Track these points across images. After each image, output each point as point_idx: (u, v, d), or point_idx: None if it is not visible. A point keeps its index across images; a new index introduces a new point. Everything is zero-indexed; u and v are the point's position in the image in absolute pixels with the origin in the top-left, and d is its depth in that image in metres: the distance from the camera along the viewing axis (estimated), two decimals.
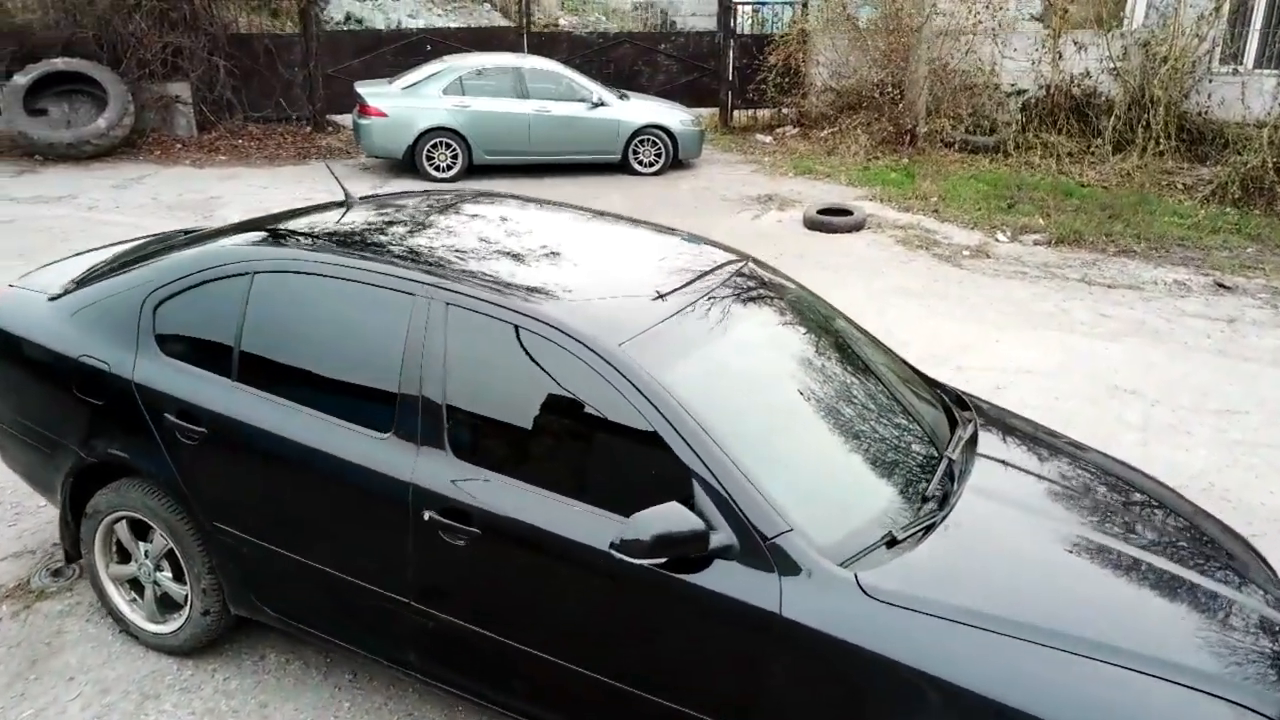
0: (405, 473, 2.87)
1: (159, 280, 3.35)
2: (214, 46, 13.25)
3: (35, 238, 9.03)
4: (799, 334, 3.43)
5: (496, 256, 3.27)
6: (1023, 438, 3.51)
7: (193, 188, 11.37)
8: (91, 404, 3.37)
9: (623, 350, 2.74)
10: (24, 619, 3.71)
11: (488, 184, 11.83)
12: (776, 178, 12.73)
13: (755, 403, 3.00)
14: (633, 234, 3.74)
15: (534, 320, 2.81)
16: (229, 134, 13.46)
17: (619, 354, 2.72)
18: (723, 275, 3.36)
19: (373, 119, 11.84)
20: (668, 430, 2.63)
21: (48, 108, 12.82)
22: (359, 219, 3.57)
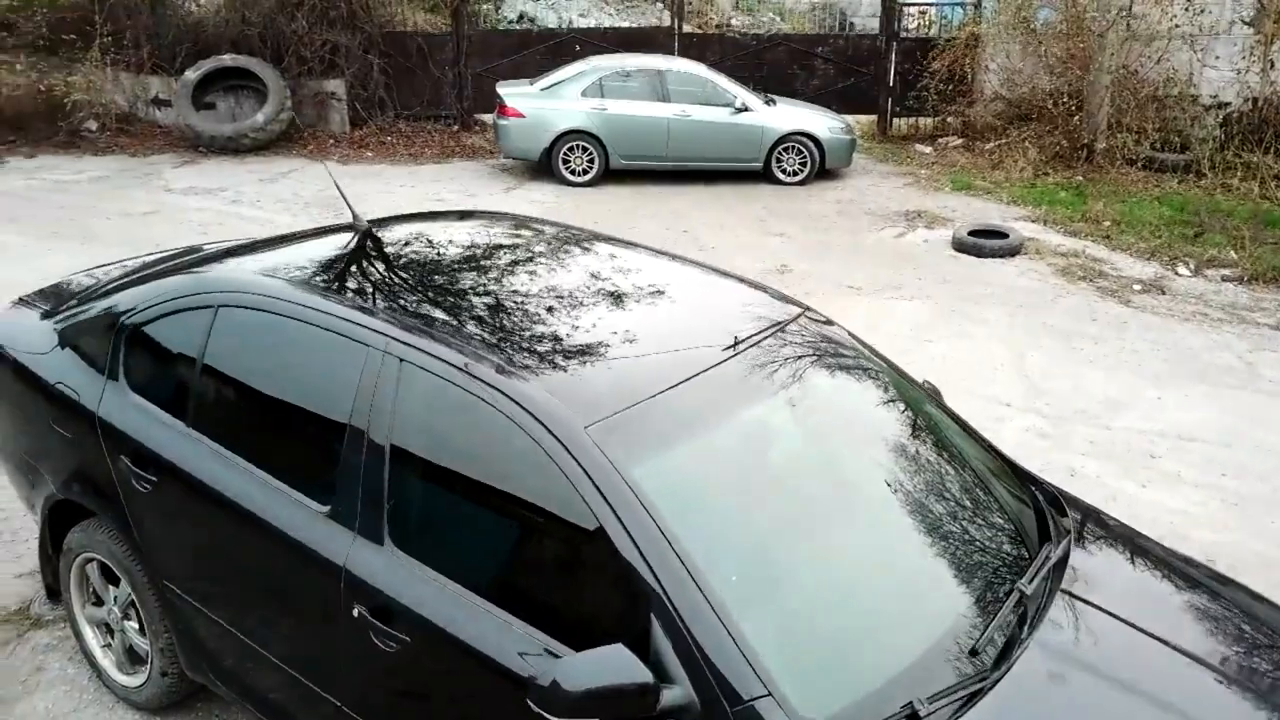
0: (339, 556, 2.47)
1: (133, 307, 3.08)
2: (370, 44, 13.47)
3: (175, 228, 9.30)
4: (839, 413, 2.81)
5: (479, 301, 2.81)
6: (1138, 567, 2.76)
7: (326, 185, 11.51)
8: (63, 435, 3.14)
9: (587, 434, 2.22)
10: (11, 650, 3.56)
11: (622, 190, 11.48)
12: (930, 192, 11.78)
13: (755, 509, 2.42)
14: (664, 273, 3.21)
15: (486, 386, 2.34)
16: (378, 131, 13.66)
17: (580, 438, 2.21)
18: (759, 333, 2.78)
19: (511, 120, 11.69)
20: (624, 540, 2.11)
21: (216, 102, 13.38)
22: (351, 247, 3.20)
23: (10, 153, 12.59)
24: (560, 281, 2.99)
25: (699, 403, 2.48)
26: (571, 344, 2.60)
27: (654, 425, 2.36)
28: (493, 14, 16.21)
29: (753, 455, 2.53)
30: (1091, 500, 5.08)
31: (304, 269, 2.98)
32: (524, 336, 2.61)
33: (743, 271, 8.78)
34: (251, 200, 10.71)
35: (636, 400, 2.37)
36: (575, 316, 2.75)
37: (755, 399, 2.63)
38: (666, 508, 2.15)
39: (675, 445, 2.38)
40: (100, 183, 11.33)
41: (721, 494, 2.39)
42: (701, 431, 2.45)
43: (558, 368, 2.47)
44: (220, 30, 13.54)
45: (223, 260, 3.22)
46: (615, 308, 2.85)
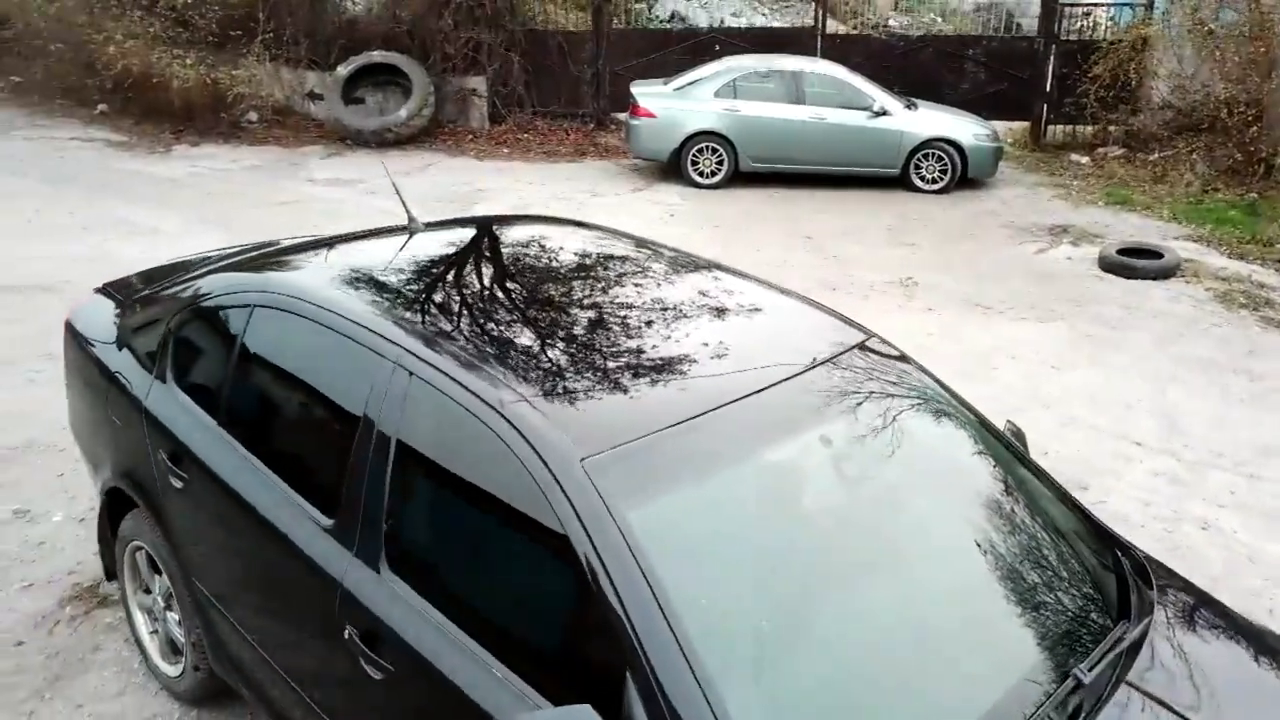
0: (338, 573, 2.39)
1: (186, 301, 3.10)
2: (512, 42, 13.67)
3: (308, 218, 9.64)
4: (888, 458, 2.53)
5: (503, 313, 2.68)
6: (1237, 663, 2.38)
7: (465, 180, 11.73)
8: (116, 424, 3.20)
9: (582, 467, 2.05)
10: (76, 626, 3.67)
11: (750, 193, 11.23)
12: (1081, 206, 11.00)
13: (770, 566, 2.17)
14: (717, 292, 2.99)
15: (485, 407, 2.19)
16: (516, 128, 13.84)
17: (573, 471, 2.05)
18: (807, 360, 2.55)
19: (642, 120, 11.61)
20: (607, 590, 1.93)
21: (365, 97, 13.88)
22: (396, 251, 3.12)
23: (178, 141, 13.41)
24: (598, 296, 2.83)
25: (722, 439, 2.27)
26: (593, 366, 2.43)
27: (663, 462, 2.17)
28: (644, 13, 16.17)
29: (776, 503, 2.29)
30: (1225, 562, 4.61)
31: (343, 271, 2.93)
32: (540, 355, 2.46)
33: (865, 283, 8.52)
34: (386, 193, 10.97)
35: (647, 432, 2.18)
36: (603, 336, 2.59)
37: (789, 438, 2.40)
38: (661, 559, 1.96)
39: (684, 487, 2.18)
40: (252, 172, 11.90)
41: (731, 547, 2.15)
42: (719, 472, 2.24)
43: (569, 391, 2.30)
44: (372, 27, 14.02)
45: (278, 258, 3.22)
46: (652, 328, 2.66)
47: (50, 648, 3.56)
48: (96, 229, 9.09)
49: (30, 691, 3.35)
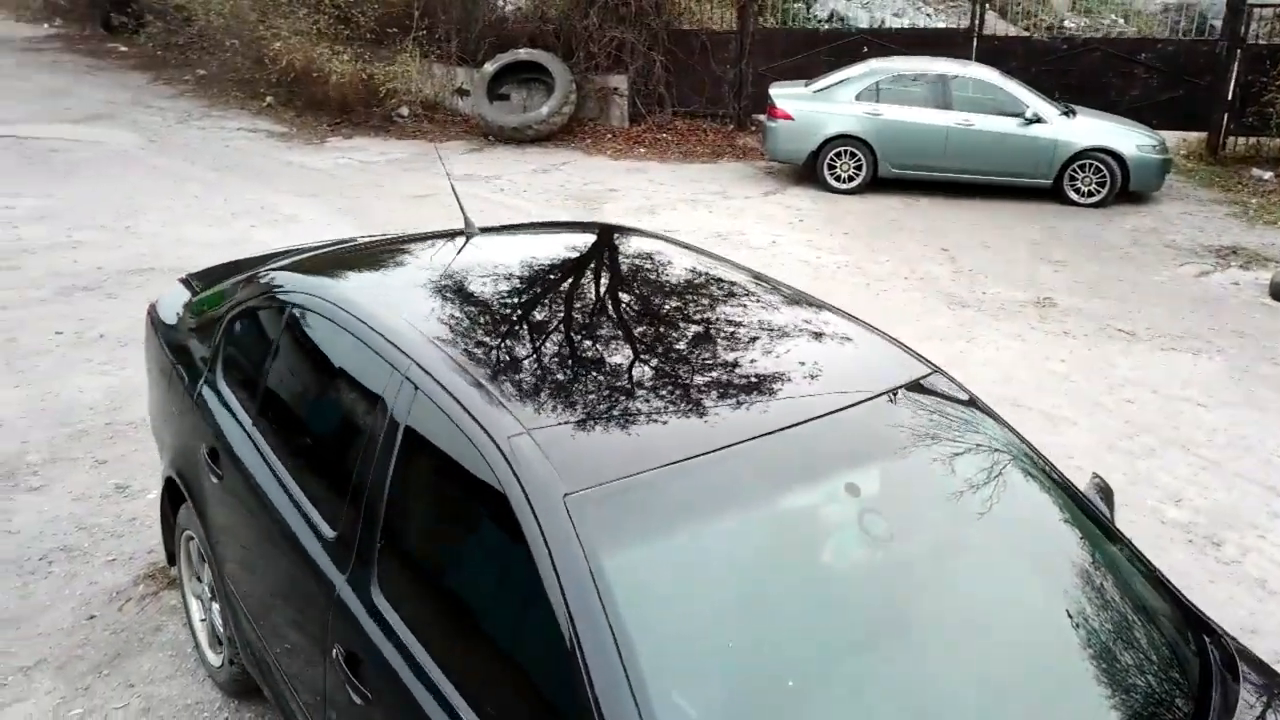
0: (331, 588, 2.32)
1: (238, 297, 3.13)
2: (654, 41, 13.61)
3: (438, 212, 9.85)
4: (929, 511, 2.26)
5: (526, 328, 2.54)
6: None
7: (597, 178, 11.74)
8: (174, 414, 3.27)
9: (565, 503, 1.90)
10: (144, 605, 3.79)
11: (887, 200, 10.77)
12: (1257, 226, 10.03)
13: (771, 628, 1.94)
14: (767, 315, 2.77)
15: (480, 431, 2.07)
16: (655, 127, 13.78)
17: (553, 506, 1.90)
18: (850, 396, 2.31)
19: (779, 122, 11.34)
20: (571, 643, 1.76)
21: (510, 93, 14.13)
22: (439, 256, 3.04)
23: (333, 133, 14.01)
24: (633, 315, 2.67)
25: (730, 480, 2.07)
26: (608, 391, 2.27)
27: (658, 502, 1.99)
28: (802, 13, 15.81)
29: (782, 559, 2.06)
30: None
31: (379, 274, 2.88)
32: (553, 377, 2.32)
33: (997, 301, 8.00)
34: (518, 190, 11.14)
35: (645, 468, 2.01)
36: (628, 359, 2.42)
37: (809, 484, 2.18)
38: (633, 612, 1.78)
39: (677, 533, 1.99)
40: (395, 165, 12.28)
41: (725, 604, 1.94)
42: (719, 518, 2.04)
43: (573, 419, 2.15)
44: (520, 25, 14.26)
45: (329, 259, 3.21)
46: (686, 354, 2.47)
47: (118, 624, 3.69)
48: (243, 215, 9.56)
49: (91, 666, 3.47)
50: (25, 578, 3.96)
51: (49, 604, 3.80)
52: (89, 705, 3.29)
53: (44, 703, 3.30)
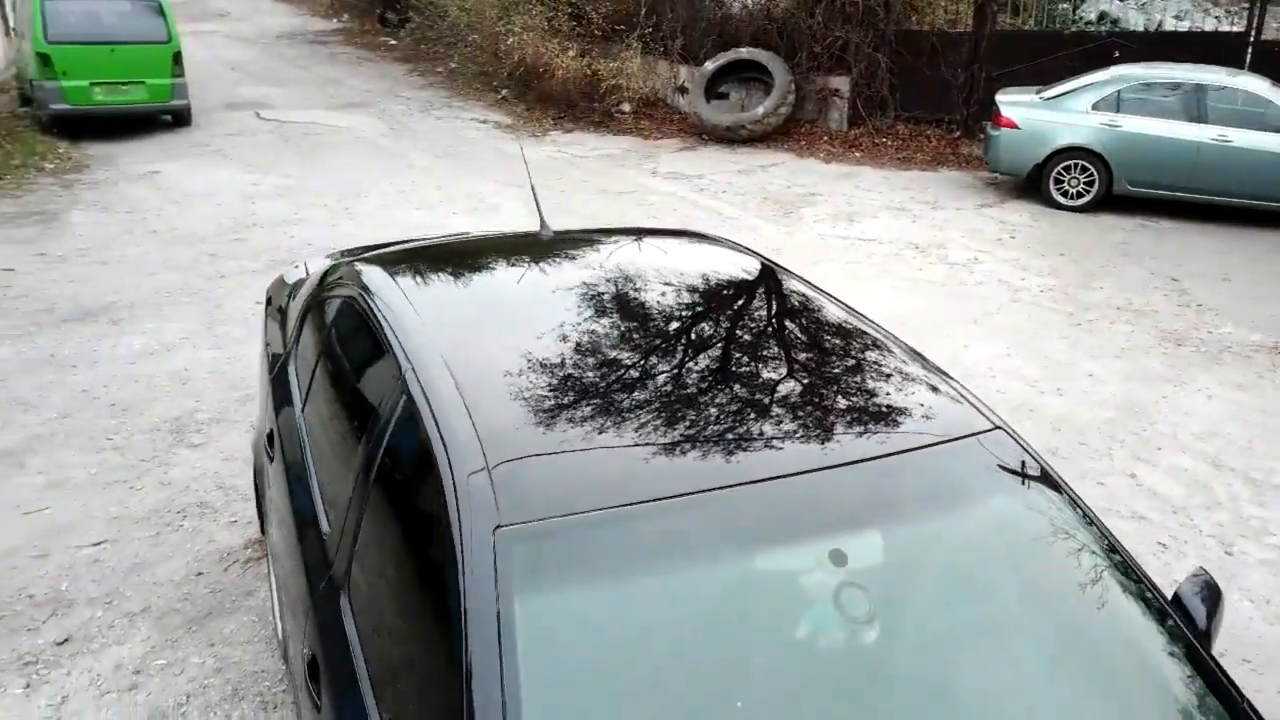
0: (315, 588, 2.31)
1: (320, 283, 3.20)
2: (880, 42, 13.04)
3: (634, 209, 9.93)
4: (930, 590, 1.93)
5: (542, 341, 2.40)
6: None
7: (803, 182, 11.41)
8: (262, 390, 3.40)
9: (494, 536, 1.77)
10: (245, 569, 4.00)
11: (1118, 221, 9.77)
12: None
13: (674, 702, 1.71)
14: (819, 338, 2.50)
15: (442, 451, 1.96)
16: (874, 131, 13.22)
17: (480, 540, 1.77)
18: (873, 447, 2.04)
19: (1003, 130, 10.55)
20: (464, 682, 1.63)
21: (729, 92, 14.02)
22: (500, 255, 2.97)
23: (555, 127, 14.46)
24: (665, 335, 2.46)
25: (696, 529, 1.86)
26: (602, 421, 2.09)
27: (600, 547, 1.81)
28: (1068, 14, 14.65)
29: (732, 627, 1.81)
30: None
31: (428, 270, 2.84)
32: (550, 398, 2.17)
33: (1221, 342, 7.02)
34: (717, 190, 11.02)
35: (594, 506, 1.84)
36: (640, 386, 2.22)
37: (786, 544, 1.92)
38: (535, 662, 1.63)
39: (614, 583, 1.80)
40: (604, 160, 12.49)
41: (638, 674, 1.71)
42: (671, 571, 1.83)
43: (553, 448, 2.00)
44: (744, 24, 14.09)
45: (397, 252, 3.23)
46: (708, 384, 2.24)
47: (218, 584, 3.92)
48: (450, 202, 10.03)
49: (184, 620, 3.71)
50: (161, 528, 4.30)
51: (170, 555, 4.10)
52: (172, 657, 3.51)
53: (137, 649, 3.55)
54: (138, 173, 10.98)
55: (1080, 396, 5.87)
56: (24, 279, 7.46)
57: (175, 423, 5.26)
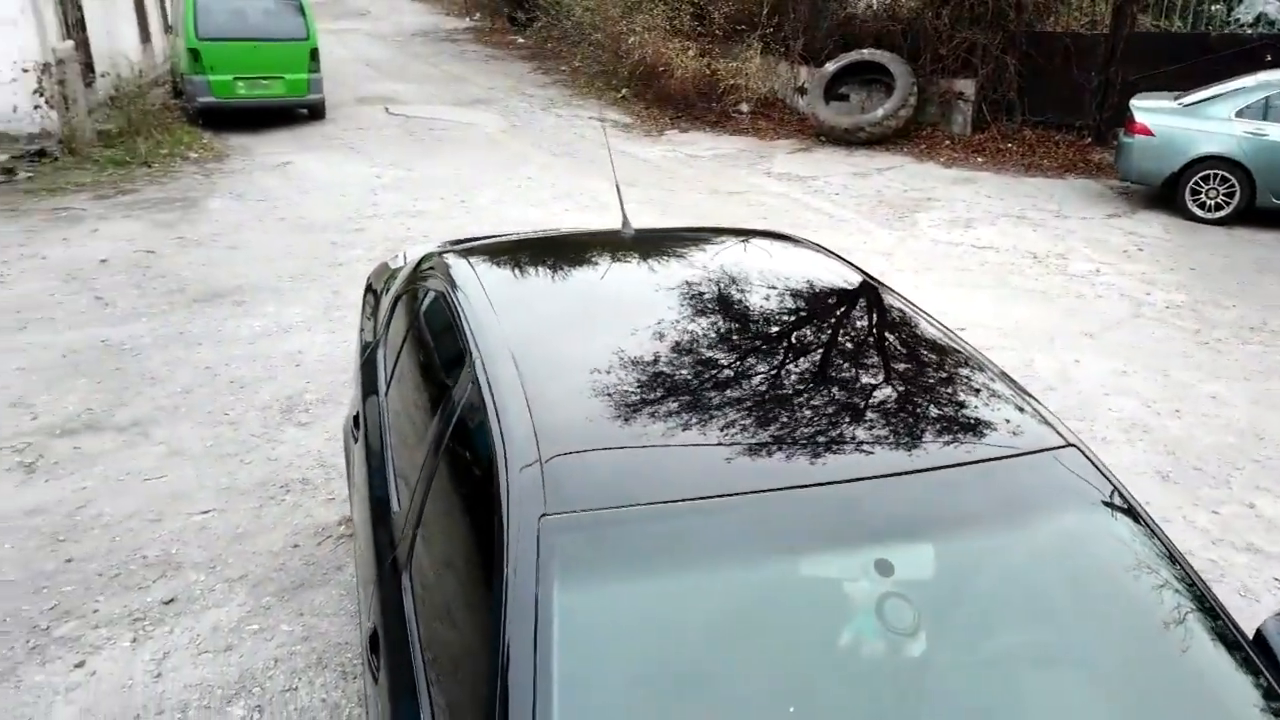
0: (381, 562, 2.40)
1: (411, 272, 3.31)
2: (1009, 44, 12.61)
3: (741, 210, 9.89)
4: (978, 606, 1.87)
5: (612, 336, 2.43)
6: None
7: (920, 186, 11.15)
8: (355, 374, 3.54)
9: (539, 525, 1.81)
10: (338, 544, 4.18)
11: (1259, 236, 9.20)
12: None
13: (703, 701, 1.71)
14: (902, 348, 2.45)
15: (499, 442, 2.01)
16: (998, 136, 12.80)
17: (526, 529, 1.81)
18: (935, 457, 2.00)
19: (1136, 138, 10.06)
20: (501, 667, 1.67)
21: (849, 94, 13.81)
22: (580, 251, 3.01)
23: (672, 126, 14.53)
24: (729, 335, 2.45)
25: (741, 530, 1.85)
26: (662, 416, 2.10)
27: (643, 541, 1.83)
28: (1220, 14, 13.87)
29: (767, 630, 1.78)
30: None
31: (511, 264, 2.91)
32: (612, 393, 2.19)
33: None
34: (830, 192, 10.87)
35: (641, 500, 1.86)
36: (702, 382, 2.22)
37: (838, 549, 1.89)
38: (571, 653, 1.65)
39: (653, 579, 1.81)
40: (718, 160, 12.48)
41: (670, 671, 1.71)
42: (712, 571, 1.82)
43: (609, 442, 2.02)
44: (867, 25, 13.86)
45: (487, 245, 3.30)
46: (765, 385, 2.23)
47: (311, 557, 4.10)
48: (562, 199, 10.20)
49: (278, 589, 3.90)
50: (264, 501, 4.53)
51: (271, 528, 4.31)
52: (263, 623, 3.69)
53: (234, 613, 3.75)
54: (271, 163, 11.55)
55: (1200, 419, 5.57)
56: (163, 261, 7.95)
57: (286, 402, 5.52)
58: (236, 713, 3.26)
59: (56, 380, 5.70)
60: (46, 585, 3.88)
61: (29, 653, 3.51)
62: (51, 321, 6.60)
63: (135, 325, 6.56)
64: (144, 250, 8.18)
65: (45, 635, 3.60)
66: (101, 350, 6.14)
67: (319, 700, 3.32)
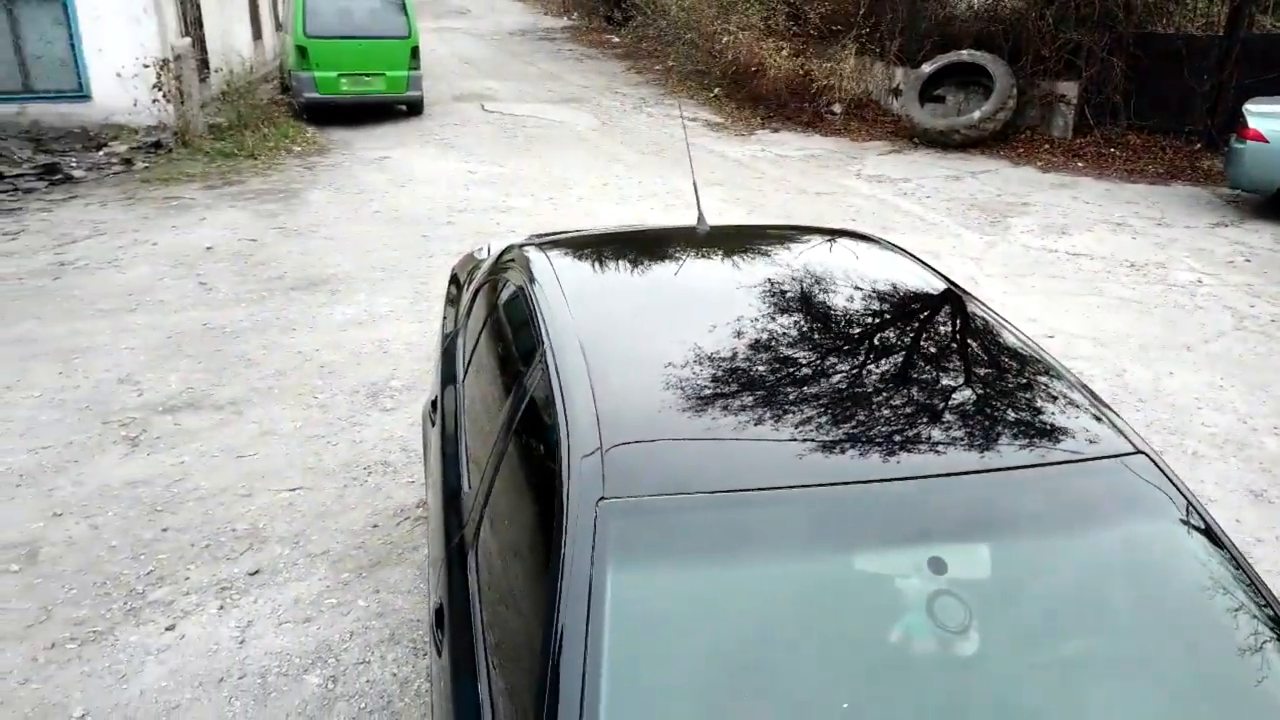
0: (449, 542, 2.49)
1: (493, 263, 3.40)
2: (1116, 45, 12.20)
3: (827, 210, 9.82)
4: (1048, 612, 1.85)
5: (684, 328, 2.46)
6: None
7: (1015, 191, 10.88)
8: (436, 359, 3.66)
9: (596, 509, 1.86)
10: (415, 525, 4.32)
11: None
12: None
13: (751, 691, 1.73)
14: (963, 356, 2.43)
15: (563, 431, 2.06)
16: (1101, 140, 12.40)
17: (584, 510, 1.86)
18: (1009, 461, 2.00)
19: (1248, 144, 9.63)
20: (553, 648, 1.73)
21: (946, 95, 13.55)
22: (656, 246, 3.05)
23: (763, 126, 14.48)
24: (797, 331, 2.46)
25: (797, 522, 1.88)
26: (724, 408, 2.13)
27: (697, 529, 1.86)
28: None
29: (818, 621, 1.80)
30: None
31: (586, 257, 2.96)
32: (679, 380, 2.23)
33: None
34: (920, 195, 10.69)
35: (699, 489, 1.90)
36: (768, 377, 2.25)
37: (893, 545, 1.90)
38: (620, 639, 1.69)
39: (704, 568, 1.84)
40: (808, 160, 12.39)
41: (715, 656, 1.74)
42: (764, 562, 1.85)
43: (669, 433, 2.07)
44: (967, 25, 13.58)
45: (570, 240, 3.37)
46: (831, 381, 2.25)
47: (390, 537, 4.25)
48: (648, 198, 10.27)
49: (356, 566, 4.05)
50: (348, 482, 4.70)
51: (353, 507, 4.48)
52: (341, 598, 3.85)
53: (314, 587, 3.92)
54: (370, 158, 11.91)
55: None
56: (264, 249, 8.29)
57: (372, 387, 5.71)
58: (312, 681, 3.41)
59: (161, 360, 6.00)
60: (144, 552, 4.10)
61: (126, 614, 3.73)
62: (160, 304, 6.95)
63: (235, 310, 6.86)
64: (246, 239, 8.54)
65: (141, 599, 3.82)
66: (203, 333, 6.44)
67: (390, 674, 3.45)
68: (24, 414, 5.28)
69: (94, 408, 5.37)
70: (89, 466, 4.77)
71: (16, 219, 8.96)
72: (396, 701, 3.34)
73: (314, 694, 3.35)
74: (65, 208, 9.37)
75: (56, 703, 3.29)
